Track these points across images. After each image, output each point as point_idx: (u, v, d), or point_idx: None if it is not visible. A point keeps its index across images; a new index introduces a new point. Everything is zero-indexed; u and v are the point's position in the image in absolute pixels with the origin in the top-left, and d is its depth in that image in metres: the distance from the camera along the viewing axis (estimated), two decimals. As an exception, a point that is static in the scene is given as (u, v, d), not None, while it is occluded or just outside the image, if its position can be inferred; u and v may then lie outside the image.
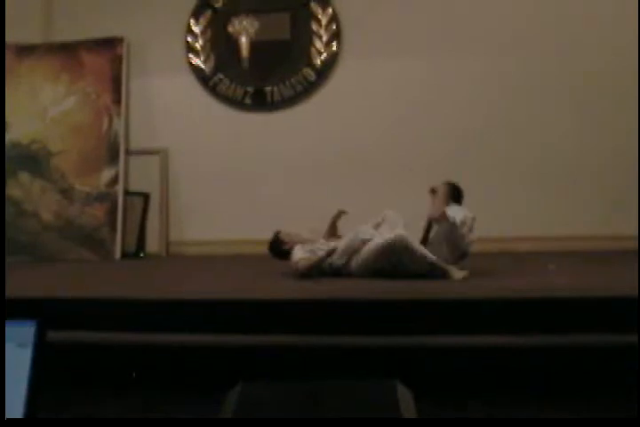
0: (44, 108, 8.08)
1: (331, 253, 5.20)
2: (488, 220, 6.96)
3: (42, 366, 1.64)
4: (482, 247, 6.46)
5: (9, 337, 1.69)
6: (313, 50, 7.92)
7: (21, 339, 1.68)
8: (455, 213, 5.22)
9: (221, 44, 8.10)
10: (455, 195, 5.61)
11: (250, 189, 7.71)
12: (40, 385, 1.62)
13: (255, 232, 7.30)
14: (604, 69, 7.27)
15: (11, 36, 8.10)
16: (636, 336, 3.23)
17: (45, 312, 1.80)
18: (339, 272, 5.20)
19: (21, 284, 5.15)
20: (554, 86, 7.41)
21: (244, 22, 7.96)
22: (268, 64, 7.96)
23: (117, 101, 7.94)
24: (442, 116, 7.54)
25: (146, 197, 7.95)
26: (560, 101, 7.40)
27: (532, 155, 7.39)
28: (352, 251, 5.21)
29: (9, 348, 1.68)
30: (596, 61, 7.30)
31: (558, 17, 7.39)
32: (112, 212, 7.76)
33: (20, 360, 1.65)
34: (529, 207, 7.31)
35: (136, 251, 7.79)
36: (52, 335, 1.75)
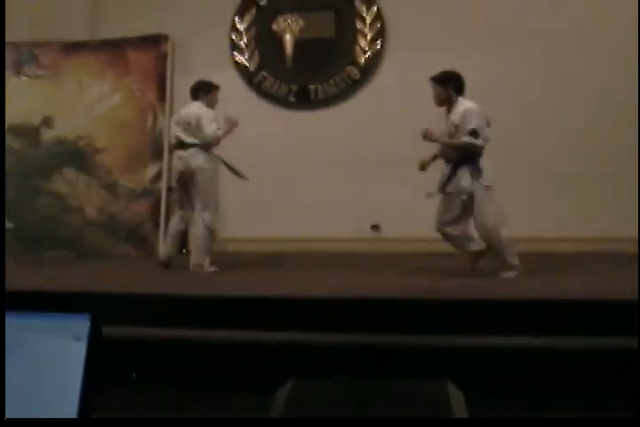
0: (90, 104, 8.15)
1: None
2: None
3: (97, 360, 1.64)
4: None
5: (63, 330, 1.69)
6: (357, 48, 7.92)
7: (76, 332, 1.68)
8: (471, 117, 5.34)
9: (266, 41, 8.12)
10: (456, 85, 5.59)
11: (293, 186, 7.71)
12: (95, 381, 1.62)
13: (297, 230, 7.34)
14: (621, 71, 7.23)
15: (58, 33, 8.20)
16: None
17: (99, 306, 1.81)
18: None
19: (70, 279, 5.20)
20: (574, 88, 7.38)
21: (289, 20, 7.98)
22: (312, 62, 7.96)
23: (162, 99, 7.99)
24: (490, 113, 7.46)
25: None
26: (570, 107, 7.38)
27: (556, 155, 7.35)
28: None
29: (64, 341, 1.68)
30: (613, 64, 7.26)
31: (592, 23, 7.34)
32: (155, 208, 7.81)
33: (75, 354, 1.65)
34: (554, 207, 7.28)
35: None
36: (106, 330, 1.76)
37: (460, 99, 5.56)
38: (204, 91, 6.27)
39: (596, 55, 7.30)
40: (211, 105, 6.25)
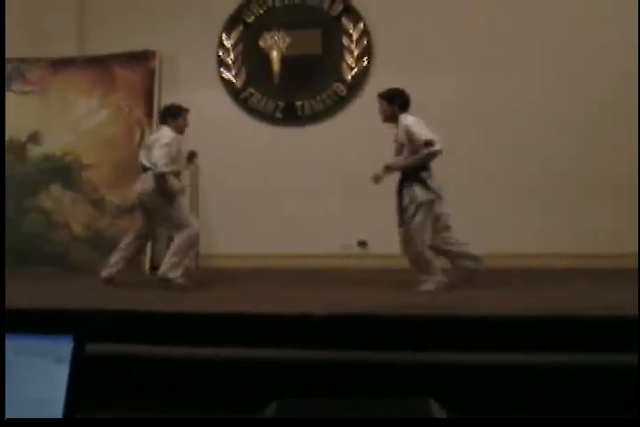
0: (77, 120, 8.15)
1: None
2: (498, 236, 7.03)
3: (79, 382, 1.64)
4: (494, 263, 6.52)
5: (45, 352, 1.69)
6: (344, 65, 7.96)
7: (58, 354, 1.69)
8: (418, 129, 5.58)
9: (253, 58, 8.16)
10: (401, 102, 5.80)
11: (280, 202, 7.72)
12: (78, 401, 1.62)
13: (285, 246, 7.35)
14: (619, 88, 7.28)
15: (45, 50, 8.21)
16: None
17: (82, 325, 1.80)
18: None
19: (55, 296, 5.18)
20: (569, 105, 7.43)
21: (276, 37, 8.00)
22: (299, 79, 7.99)
23: (149, 115, 7.99)
24: (471, 133, 7.52)
25: (176, 210, 7.97)
26: (576, 121, 7.42)
27: (545, 171, 7.41)
28: None
29: (46, 363, 1.68)
30: (611, 80, 7.31)
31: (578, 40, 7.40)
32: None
33: (57, 376, 1.65)
34: (540, 224, 7.34)
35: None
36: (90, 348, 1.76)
37: (402, 115, 5.76)
38: (171, 115, 6.23)
39: (581, 72, 7.37)
40: (180, 129, 6.23)
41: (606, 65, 7.31)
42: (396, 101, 5.79)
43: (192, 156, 6.49)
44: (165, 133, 6.09)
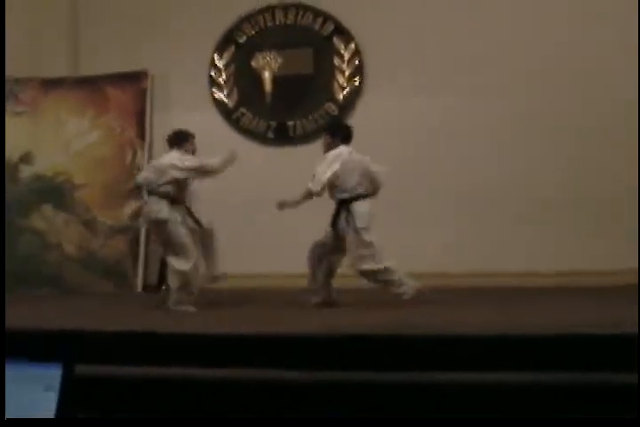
0: (69, 141, 8.16)
1: None
2: (490, 255, 7.03)
3: (68, 410, 1.63)
4: (487, 281, 6.54)
5: (35, 380, 1.68)
6: (335, 84, 7.99)
7: (48, 382, 1.67)
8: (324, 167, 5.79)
9: (245, 78, 8.19)
10: (343, 135, 5.90)
11: (272, 222, 7.69)
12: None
13: (278, 266, 7.32)
14: (609, 113, 7.31)
15: (37, 70, 8.22)
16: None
17: (74, 347, 1.79)
18: None
19: (45, 321, 5.15)
20: (556, 124, 7.45)
21: (268, 57, 8.04)
22: (290, 98, 8.02)
23: (141, 135, 8.01)
24: (462, 151, 7.54)
25: (168, 230, 7.96)
26: (560, 139, 7.44)
27: (535, 189, 7.43)
28: None
29: (34, 390, 1.67)
30: (597, 98, 7.34)
31: (568, 62, 7.45)
32: (134, 244, 7.79)
33: (45, 404, 1.64)
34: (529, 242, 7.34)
35: (158, 283, 7.78)
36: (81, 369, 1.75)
37: (340, 147, 5.88)
38: (179, 140, 6.23)
39: (570, 93, 7.39)
40: (188, 154, 6.20)
41: (599, 90, 7.34)
42: (337, 135, 5.90)
43: None
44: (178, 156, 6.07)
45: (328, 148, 5.90)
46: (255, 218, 7.76)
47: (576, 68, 7.38)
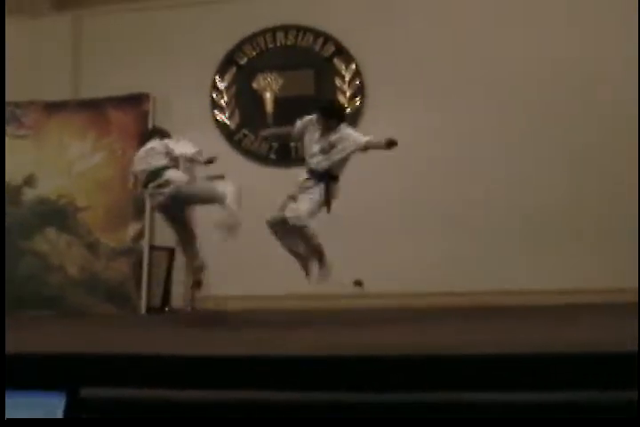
0: (72, 163, 8.20)
1: None
2: (489, 273, 7.03)
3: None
4: (488, 300, 6.54)
5: (38, 409, 1.68)
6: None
7: (51, 410, 1.67)
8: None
9: (246, 99, 8.22)
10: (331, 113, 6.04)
11: (275, 243, 7.70)
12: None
13: (281, 287, 7.31)
14: (605, 127, 7.34)
15: (39, 93, 8.26)
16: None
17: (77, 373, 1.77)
18: None
19: (48, 345, 5.13)
20: (555, 142, 7.47)
21: (269, 78, 8.09)
22: (292, 119, 7.99)
23: (144, 157, 8.01)
24: (465, 170, 7.55)
25: (171, 252, 7.95)
26: (560, 157, 7.45)
27: (534, 207, 7.44)
28: None
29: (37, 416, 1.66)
30: (596, 118, 7.38)
31: (569, 78, 7.47)
32: (137, 266, 7.79)
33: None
34: (526, 260, 7.33)
35: (161, 306, 7.78)
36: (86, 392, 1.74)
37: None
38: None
39: (572, 112, 7.42)
40: None
41: (601, 109, 7.37)
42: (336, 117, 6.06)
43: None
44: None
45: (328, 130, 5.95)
46: (257, 239, 7.74)
47: (579, 83, 7.41)
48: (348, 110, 7.96)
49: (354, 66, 8.00)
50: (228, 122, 8.22)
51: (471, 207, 7.48)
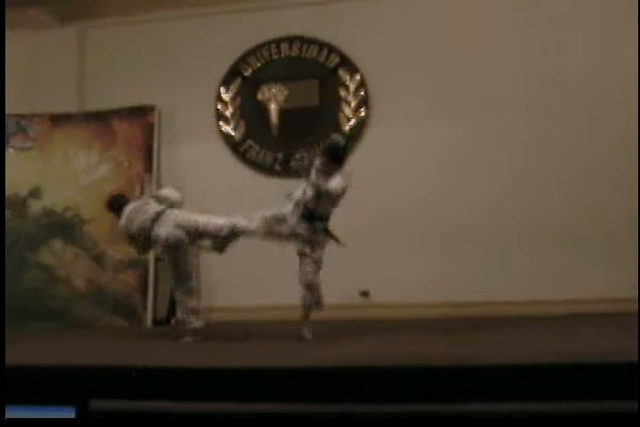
0: (77, 175, 8.22)
1: None
2: (490, 283, 7.01)
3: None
4: (486, 311, 6.53)
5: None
6: (341, 116, 8.01)
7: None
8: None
9: (251, 111, 8.23)
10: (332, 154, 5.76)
11: (280, 254, 7.70)
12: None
13: (285, 298, 7.29)
14: (609, 140, 7.33)
15: (46, 106, 8.30)
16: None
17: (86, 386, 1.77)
18: None
19: (56, 358, 5.14)
20: (559, 156, 7.48)
21: (273, 90, 8.10)
22: (297, 130, 8.05)
23: (149, 169, 8.04)
24: (467, 181, 7.55)
25: (177, 264, 7.96)
26: (563, 169, 7.45)
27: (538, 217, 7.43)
28: None
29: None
30: (600, 130, 7.38)
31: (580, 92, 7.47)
32: (143, 278, 7.79)
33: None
34: (535, 270, 7.32)
35: (167, 318, 7.77)
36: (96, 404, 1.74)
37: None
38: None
39: (582, 124, 7.42)
40: None
41: (602, 123, 7.37)
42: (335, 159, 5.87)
43: None
44: None
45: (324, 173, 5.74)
46: (262, 250, 7.75)
47: (583, 98, 7.42)
48: (353, 121, 7.98)
49: (358, 76, 8.01)
50: (233, 133, 8.23)
51: (474, 218, 7.47)
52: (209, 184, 8.07)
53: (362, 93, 8.00)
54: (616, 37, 7.35)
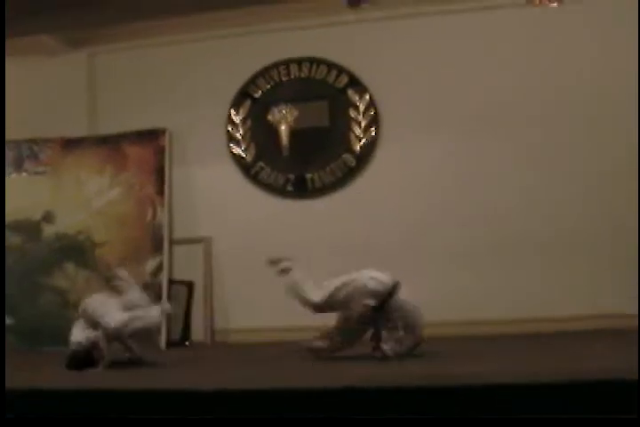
0: (89, 199, 8.24)
1: None
2: (484, 300, 6.99)
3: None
4: (486, 330, 6.59)
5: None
6: (352, 136, 8.01)
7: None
8: None
9: (261, 132, 8.24)
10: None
11: (292, 275, 7.68)
12: None
13: (300, 319, 7.27)
14: (620, 155, 7.32)
15: (57, 130, 8.35)
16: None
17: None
18: None
19: (70, 377, 5.12)
20: (569, 170, 7.48)
21: (284, 111, 8.11)
22: (308, 151, 8.06)
23: (160, 192, 8.06)
24: (482, 200, 7.54)
25: (190, 286, 7.97)
26: (575, 185, 7.43)
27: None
28: None
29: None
30: (610, 146, 7.36)
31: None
32: (156, 301, 7.77)
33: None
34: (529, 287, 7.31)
35: (181, 339, 7.77)
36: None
37: None
38: None
39: (592, 138, 7.40)
40: None
41: (611, 135, 7.36)
42: None
43: None
44: None
45: None
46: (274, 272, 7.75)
47: (590, 112, 7.41)
48: (364, 141, 7.99)
49: (367, 96, 8.02)
50: (244, 155, 8.24)
51: (485, 235, 7.46)
52: (221, 206, 8.10)
53: (372, 113, 8.01)
54: (629, 50, 7.30)
